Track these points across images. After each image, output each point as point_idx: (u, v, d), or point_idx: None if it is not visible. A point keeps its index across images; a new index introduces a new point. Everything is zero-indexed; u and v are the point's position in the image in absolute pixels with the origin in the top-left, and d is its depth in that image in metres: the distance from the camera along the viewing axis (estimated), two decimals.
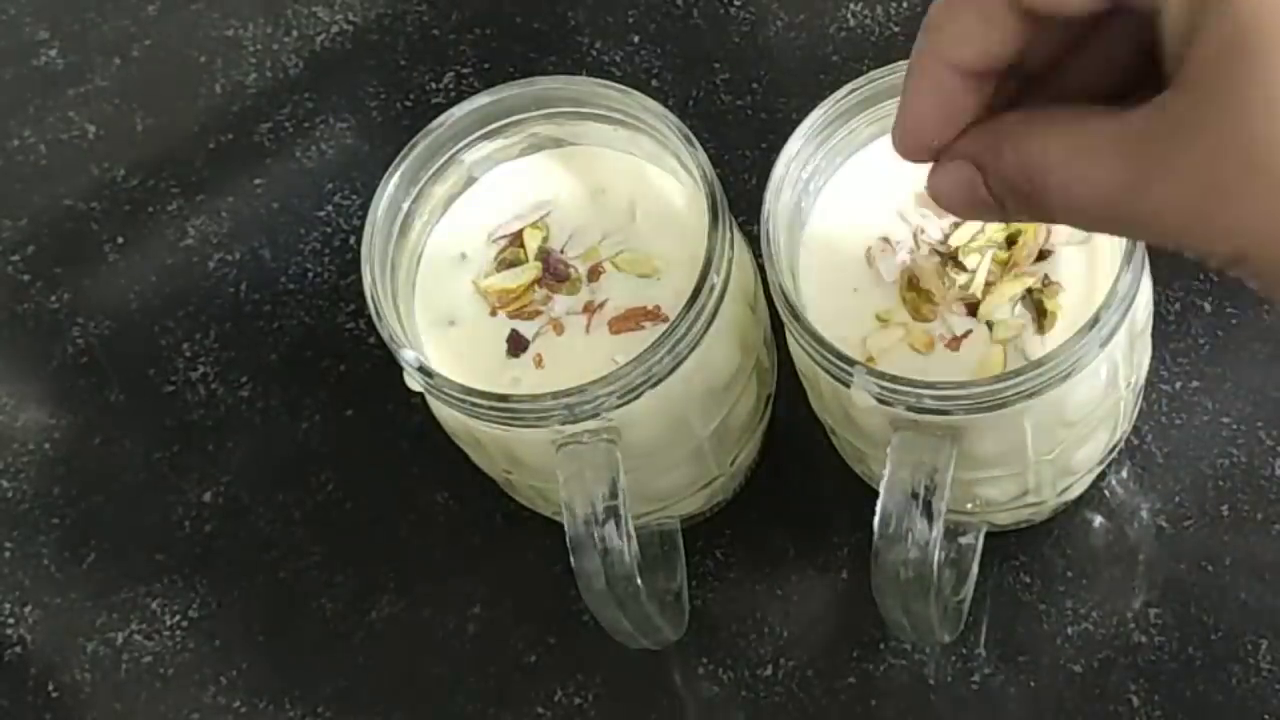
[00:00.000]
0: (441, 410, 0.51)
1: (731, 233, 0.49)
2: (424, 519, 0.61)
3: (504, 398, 0.47)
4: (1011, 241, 0.50)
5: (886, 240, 0.50)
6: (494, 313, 0.52)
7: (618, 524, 0.47)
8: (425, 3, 0.70)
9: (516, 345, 0.51)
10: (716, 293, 0.48)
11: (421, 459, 0.61)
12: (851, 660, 0.57)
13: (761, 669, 0.57)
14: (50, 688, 0.60)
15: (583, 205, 0.53)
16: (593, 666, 0.58)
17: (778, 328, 0.50)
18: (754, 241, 0.50)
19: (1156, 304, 0.51)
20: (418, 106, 0.67)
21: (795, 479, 0.60)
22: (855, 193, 0.51)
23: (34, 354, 0.66)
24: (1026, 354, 0.49)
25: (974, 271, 0.50)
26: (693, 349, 0.48)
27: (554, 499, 0.51)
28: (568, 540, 0.47)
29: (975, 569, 0.54)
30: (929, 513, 0.45)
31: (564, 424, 0.48)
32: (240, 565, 0.61)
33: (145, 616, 0.61)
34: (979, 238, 0.50)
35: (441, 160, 0.52)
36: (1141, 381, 0.53)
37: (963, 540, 0.54)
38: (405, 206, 0.51)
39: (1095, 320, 0.45)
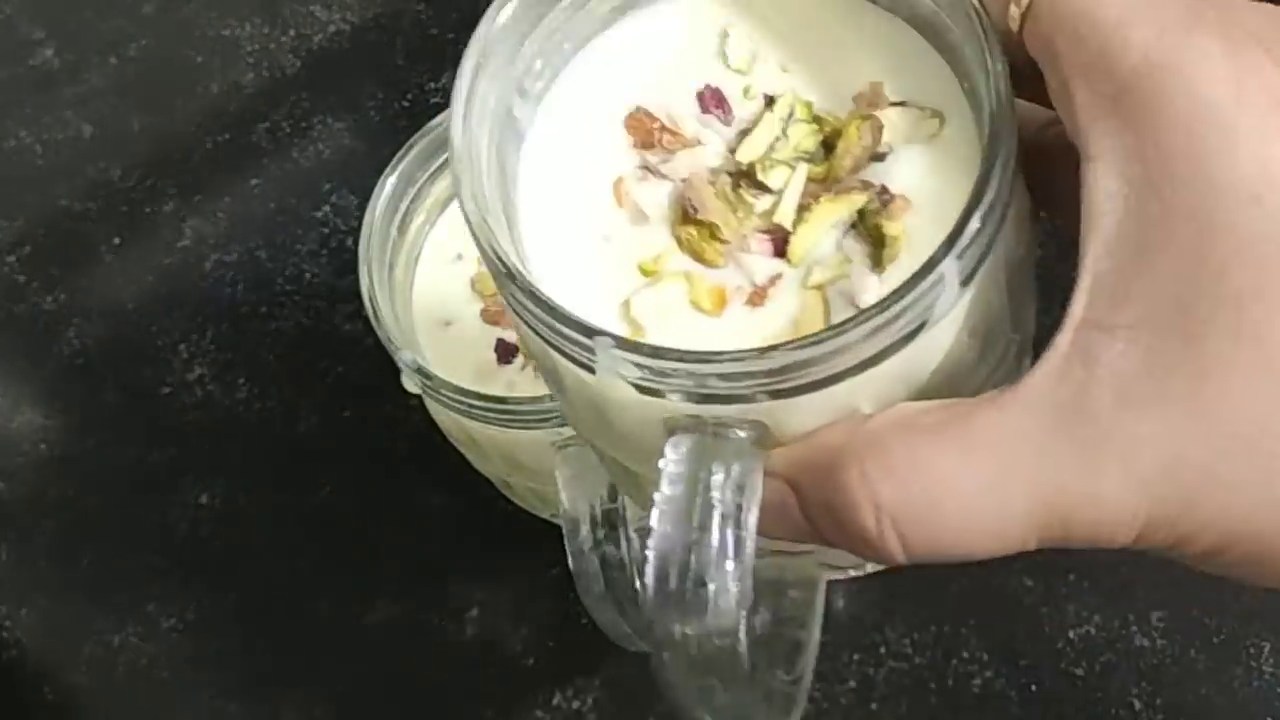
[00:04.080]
0: (439, 412, 0.51)
1: None
2: (423, 520, 0.61)
3: (502, 399, 0.47)
4: (830, 147, 0.33)
5: (644, 165, 0.34)
6: (489, 314, 0.52)
7: (617, 527, 0.47)
8: (423, 2, 0.70)
9: (505, 352, 0.51)
10: None
11: (419, 460, 0.61)
12: (852, 663, 0.56)
13: None
14: (46, 690, 0.60)
15: None
16: (592, 670, 0.57)
17: None
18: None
19: None
20: (415, 106, 0.67)
21: None
22: (590, 97, 0.35)
23: (30, 354, 0.66)
24: (858, 301, 0.32)
25: (779, 192, 0.33)
26: None
27: (552, 501, 0.50)
28: (566, 543, 0.47)
29: (817, 634, 0.40)
30: (727, 553, 0.29)
31: (563, 425, 0.47)
32: (237, 567, 0.61)
33: (141, 619, 0.60)
34: (781, 145, 0.34)
35: (439, 160, 0.52)
36: (1029, 337, 0.35)
37: (793, 594, 0.42)
38: (403, 207, 0.51)
39: (952, 240, 0.29)
